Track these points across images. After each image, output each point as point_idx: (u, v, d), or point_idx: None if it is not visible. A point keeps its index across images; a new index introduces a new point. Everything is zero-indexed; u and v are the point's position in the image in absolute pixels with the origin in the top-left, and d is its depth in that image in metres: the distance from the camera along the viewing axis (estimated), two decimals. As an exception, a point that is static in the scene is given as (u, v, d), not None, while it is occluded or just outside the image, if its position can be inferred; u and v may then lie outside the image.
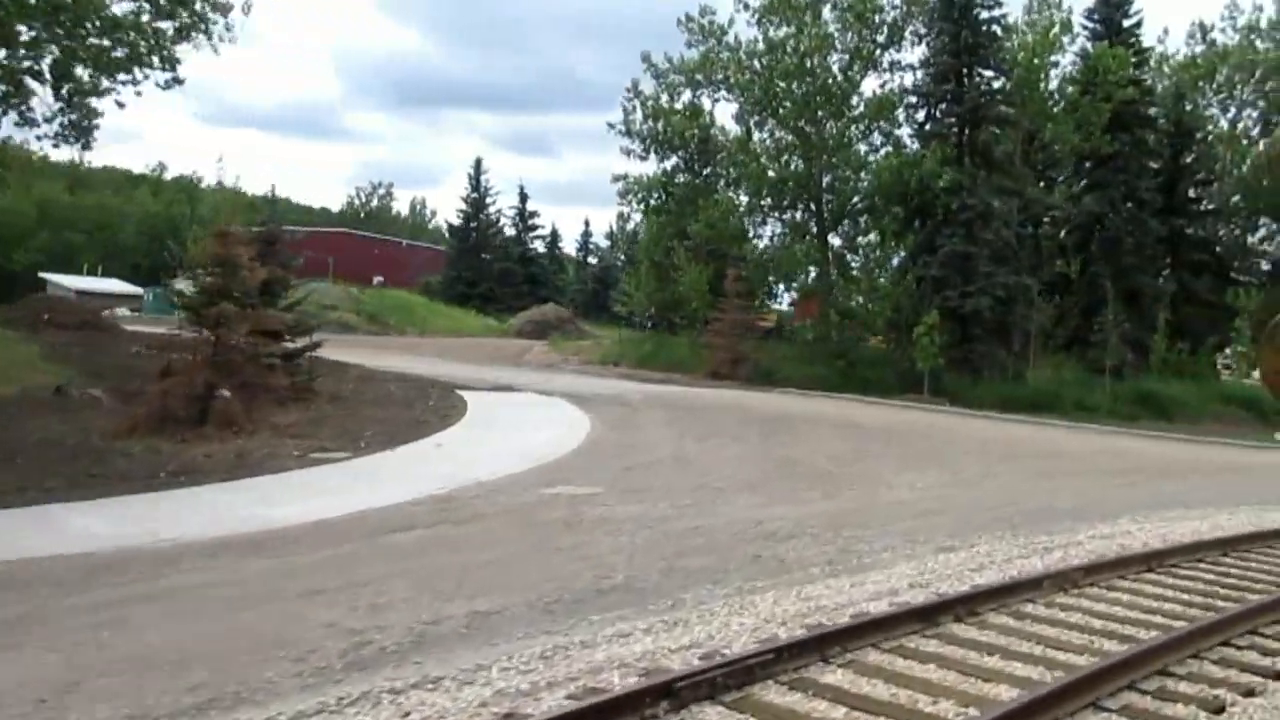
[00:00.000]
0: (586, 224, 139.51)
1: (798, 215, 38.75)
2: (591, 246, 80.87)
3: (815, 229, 37.66)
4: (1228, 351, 45.28)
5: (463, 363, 33.48)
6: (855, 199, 35.78)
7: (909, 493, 13.62)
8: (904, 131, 36.25)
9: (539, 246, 74.00)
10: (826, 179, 36.79)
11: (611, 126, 40.74)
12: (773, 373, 32.97)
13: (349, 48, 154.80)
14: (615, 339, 41.01)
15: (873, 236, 34.78)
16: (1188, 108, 44.61)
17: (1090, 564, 8.83)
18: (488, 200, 67.48)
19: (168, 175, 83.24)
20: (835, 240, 37.33)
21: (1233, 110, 46.21)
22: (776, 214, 39.06)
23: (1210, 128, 46.39)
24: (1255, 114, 45.82)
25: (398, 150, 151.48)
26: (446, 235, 74.03)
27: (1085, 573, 8.44)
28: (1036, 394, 30.04)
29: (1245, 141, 45.85)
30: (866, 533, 10.34)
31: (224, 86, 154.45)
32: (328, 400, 19.40)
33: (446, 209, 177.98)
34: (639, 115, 39.39)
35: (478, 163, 68.19)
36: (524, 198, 69.12)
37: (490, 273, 65.37)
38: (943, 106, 33.77)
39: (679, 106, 38.42)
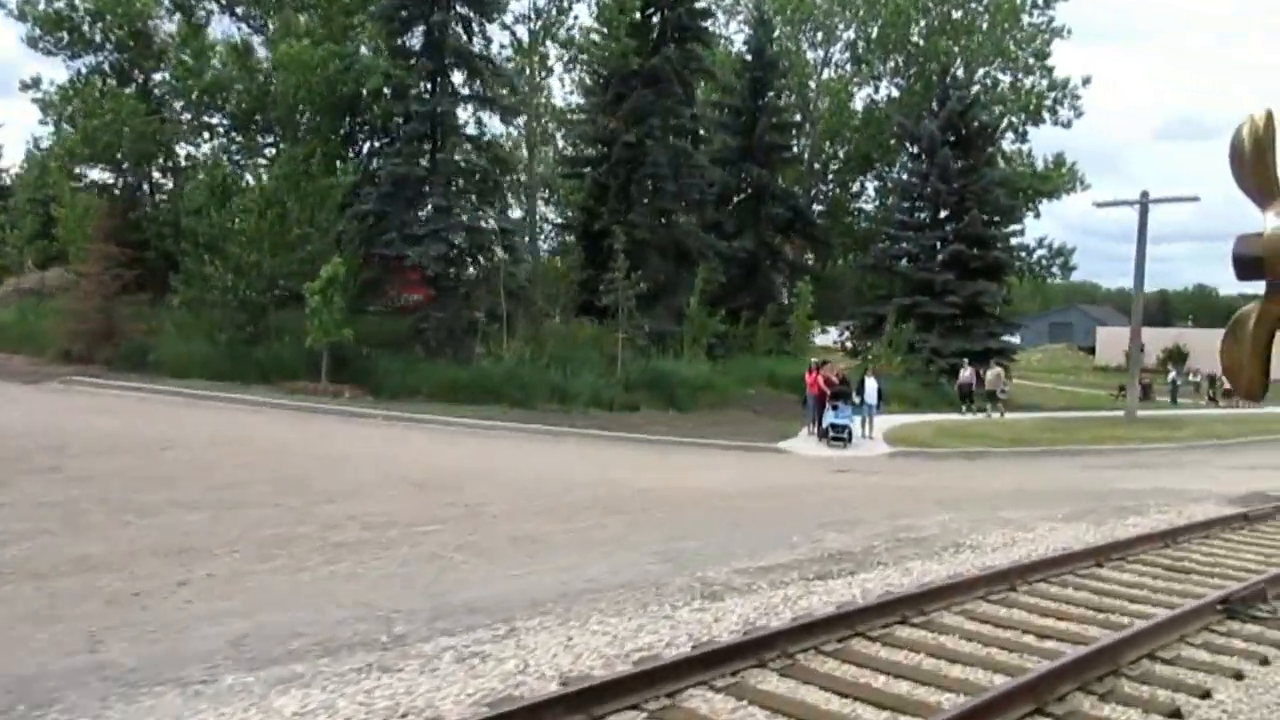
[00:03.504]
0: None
1: (262, 137, 28.61)
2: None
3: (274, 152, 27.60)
4: (843, 327, 39.92)
5: None
6: (303, 111, 25.92)
7: None
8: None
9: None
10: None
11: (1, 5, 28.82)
12: (147, 352, 22.64)
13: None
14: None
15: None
16: (784, 43, 38.61)
17: None
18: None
19: None
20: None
21: (834, 50, 40.55)
22: (232, 135, 28.68)
23: (810, 72, 40.76)
24: (850, 54, 40.39)
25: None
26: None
27: None
28: (497, 379, 21.46)
29: (838, 85, 40.39)
30: None
31: None
32: None
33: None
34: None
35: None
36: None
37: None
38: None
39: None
